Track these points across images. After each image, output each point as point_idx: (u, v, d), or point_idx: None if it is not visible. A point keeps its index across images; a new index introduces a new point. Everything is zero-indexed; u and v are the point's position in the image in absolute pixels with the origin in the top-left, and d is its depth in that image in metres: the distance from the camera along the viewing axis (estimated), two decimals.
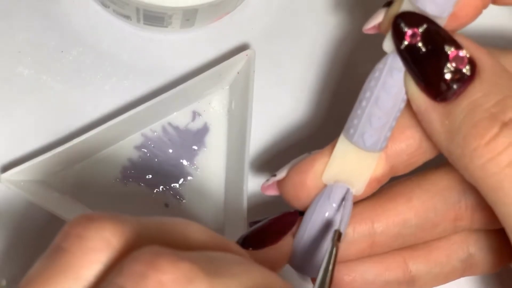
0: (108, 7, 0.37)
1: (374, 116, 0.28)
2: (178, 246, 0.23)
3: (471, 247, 0.32)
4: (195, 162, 0.38)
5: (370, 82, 0.28)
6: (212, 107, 0.38)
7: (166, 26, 0.37)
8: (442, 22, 0.27)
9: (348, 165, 0.29)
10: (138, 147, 0.38)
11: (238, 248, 0.26)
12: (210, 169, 0.38)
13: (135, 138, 0.38)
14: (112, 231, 0.23)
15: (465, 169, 0.27)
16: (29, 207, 0.36)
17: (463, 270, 0.32)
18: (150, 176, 0.37)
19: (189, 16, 0.36)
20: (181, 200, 0.37)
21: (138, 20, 0.37)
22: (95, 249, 0.22)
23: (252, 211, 0.36)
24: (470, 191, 0.30)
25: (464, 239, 0.32)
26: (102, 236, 0.22)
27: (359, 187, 0.30)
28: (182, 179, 0.37)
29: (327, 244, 0.30)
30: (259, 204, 0.37)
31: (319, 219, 0.30)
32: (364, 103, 0.28)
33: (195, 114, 0.38)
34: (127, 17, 0.37)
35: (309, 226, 0.30)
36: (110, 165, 0.37)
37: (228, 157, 0.38)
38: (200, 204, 0.37)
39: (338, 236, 0.28)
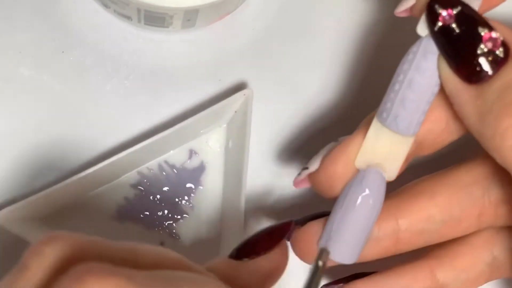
0: (109, 7, 0.37)
1: (407, 99, 0.28)
2: (127, 265, 0.23)
3: (495, 249, 0.32)
4: (191, 201, 0.37)
5: (403, 65, 0.28)
6: (209, 145, 0.38)
7: (167, 27, 0.37)
8: (477, 5, 0.27)
9: (381, 149, 0.29)
10: (134, 185, 0.37)
11: (202, 271, 0.26)
12: (206, 208, 0.38)
13: (131, 176, 0.37)
14: (63, 249, 0.23)
15: (496, 150, 0.27)
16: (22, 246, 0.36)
17: (490, 274, 0.32)
18: (146, 214, 0.37)
19: (190, 17, 0.36)
20: (177, 239, 0.37)
21: (139, 21, 0.37)
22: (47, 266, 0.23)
23: None
24: (494, 186, 0.30)
25: (487, 241, 0.32)
26: (54, 254, 0.23)
27: (392, 173, 0.30)
28: (178, 218, 0.37)
29: (360, 229, 0.30)
30: None
31: (351, 205, 0.29)
32: (397, 86, 0.28)
33: (191, 153, 0.38)
34: (128, 18, 0.37)
35: (341, 212, 0.30)
36: (106, 203, 0.37)
37: (224, 197, 0.38)
38: (196, 243, 0.37)
39: (325, 254, 0.29)
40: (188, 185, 0.38)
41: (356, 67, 0.39)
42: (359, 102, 0.39)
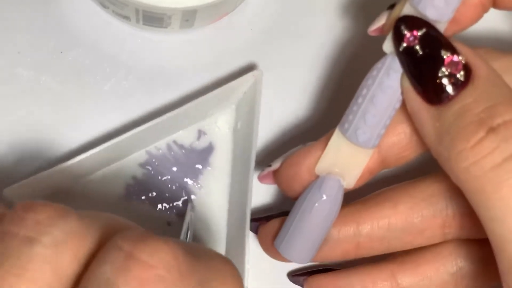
0: (108, 7, 0.37)
1: (369, 113, 0.29)
2: None
3: (460, 260, 0.32)
4: (199, 181, 0.38)
5: (367, 80, 0.29)
6: (218, 126, 0.38)
7: (165, 27, 0.37)
8: (443, 26, 0.28)
9: (341, 159, 0.30)
10: (142, 165, 0.38)
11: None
12: (214, 189, 0.38)
13: (140, 155, 0.38)
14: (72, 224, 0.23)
15: (451, 171, 0.27)
16: None
17: (454, 285, 0.32)
18: (154, 194, 0.37)
19: (189, 17, 0.36)
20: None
21: (138, 21, 0.37)
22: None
23: None
24: (457, 199, 0.31)
25: (452, 251, 0.32)
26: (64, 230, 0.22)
27: (350, 181, 0.30)
28: (185, 198, 0.37)
29: (314, 233, 0.31)
30: None
31: (308, 209, 0.30)
32: (360, 100, 0.29)
33: (200, 133, 0.38)
34: (126, 18, 0.37)
35: (299, 215, 0.31)
36: (114, 182, 0.37)
37: (232, 178, 0.38)
38: (203, 224, 0.37)
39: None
40: (197, 165, 0.38)
41: (356, 63, 0.39)
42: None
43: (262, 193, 0.38)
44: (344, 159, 0.30)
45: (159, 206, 0.37)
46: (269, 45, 0.39)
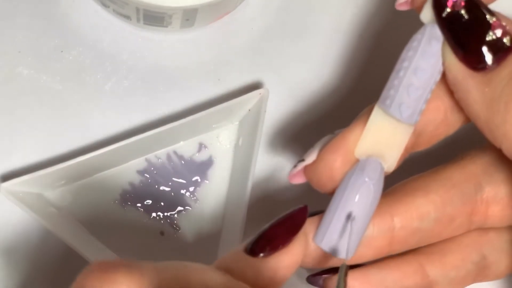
0: (108, 7, 0.37)
1: (412, 86, 0.28)
2: None
3: (484, 248, 0.32)
4: (195, 194, 0.38)
5: (408, 52, 0.28)
6: (220, 141, 0.38)
7: (166, 26, 0.37)
8: None
9: (382, 138, 0.29)
10: (140, 172, 0.38)
11: None
12: (210, 203, 0.38)
13: (139, 162, 0.38)
14: (129, 284, 0.22)
15: (505, 136, 0.27)
16: (25, 220, 0.36)
17: (477, 273, 0.32)
18: (149, 202, 0.37)
19: (189, 16, 0.36)
20: (177, 230, 0.37)
21: (138, 20, 0.37)
22: None
23: None
24: (485, 184, 0.30)
25: (476, 241, 0.32)
26: None
27: (391, 163, 0.29)
28: (180, 209, 0.37)
29: (359, 221, 0.29)
30: None
31: (352, 195, 0.29)
32: (401, 73, 0.28)
33: (201, 146, 0.38)
34: (127, 17, 0.37)
35: (342, 203, 0.29)
36: (110, 186, 0.37)
37: (228, 193, 0.38)
38: (196, 236, 0.37)
39: (345, 271, 0.27)
40: (194, 177, 0.38)
41: (354, 63, 0.39)
42: (359, 97, 0.39)
43: (257, 210, 0.37)
44: (385, 139, 0.29)
45: (154, 214, 0.37)
46: (269, 44, 0.39)
